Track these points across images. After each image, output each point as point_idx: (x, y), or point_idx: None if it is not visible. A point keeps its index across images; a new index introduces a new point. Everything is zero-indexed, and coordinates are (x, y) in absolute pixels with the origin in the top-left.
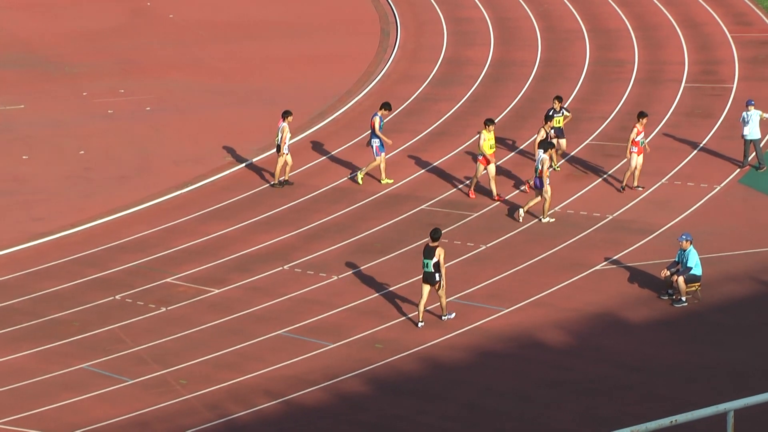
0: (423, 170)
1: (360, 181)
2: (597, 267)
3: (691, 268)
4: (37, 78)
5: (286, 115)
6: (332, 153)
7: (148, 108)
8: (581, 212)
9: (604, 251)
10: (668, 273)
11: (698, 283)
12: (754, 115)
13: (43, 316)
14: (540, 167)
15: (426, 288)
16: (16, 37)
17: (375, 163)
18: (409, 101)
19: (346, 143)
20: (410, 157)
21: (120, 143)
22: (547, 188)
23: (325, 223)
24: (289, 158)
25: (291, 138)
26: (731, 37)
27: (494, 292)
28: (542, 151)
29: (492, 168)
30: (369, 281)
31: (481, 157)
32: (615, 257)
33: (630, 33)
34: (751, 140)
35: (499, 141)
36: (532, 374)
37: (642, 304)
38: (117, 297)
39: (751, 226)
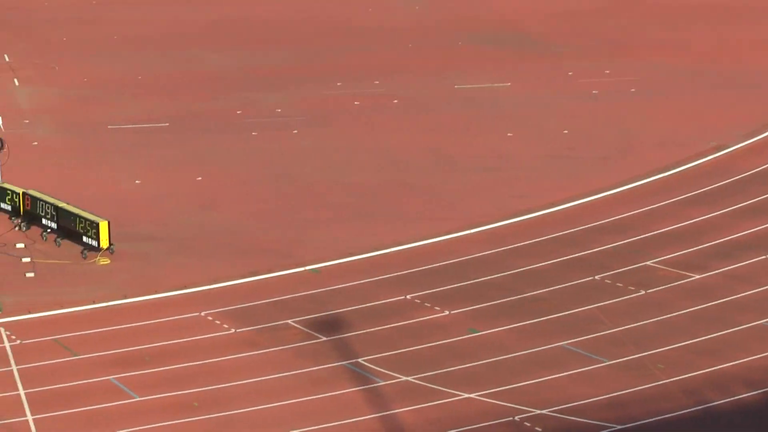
0: None
1: None
2: None
3: None
4: (523, 57)
5: None
6: None
7: (633, 90)
8: None
9: None
10: None
11: None
12: None
13: (520, 293)
14: None
15: None
16: (504, 16)
17: None
18: None
19: None
20: None
21: (603, 124)
22: None
23: None
24: None
25: None
26: None
27: None
28: None
29: None
30: None
31: None
32: None
33: None
34: None
35: None
36: None
37: None
38: (596, 277)
39: None
